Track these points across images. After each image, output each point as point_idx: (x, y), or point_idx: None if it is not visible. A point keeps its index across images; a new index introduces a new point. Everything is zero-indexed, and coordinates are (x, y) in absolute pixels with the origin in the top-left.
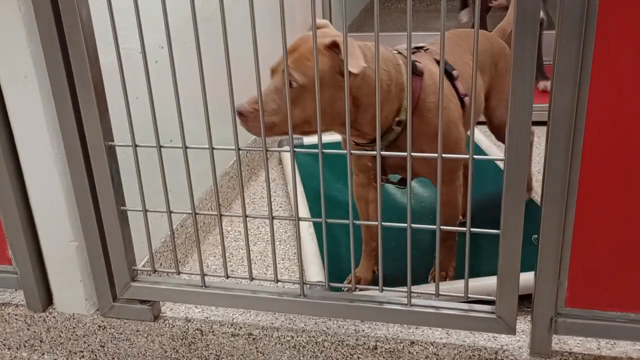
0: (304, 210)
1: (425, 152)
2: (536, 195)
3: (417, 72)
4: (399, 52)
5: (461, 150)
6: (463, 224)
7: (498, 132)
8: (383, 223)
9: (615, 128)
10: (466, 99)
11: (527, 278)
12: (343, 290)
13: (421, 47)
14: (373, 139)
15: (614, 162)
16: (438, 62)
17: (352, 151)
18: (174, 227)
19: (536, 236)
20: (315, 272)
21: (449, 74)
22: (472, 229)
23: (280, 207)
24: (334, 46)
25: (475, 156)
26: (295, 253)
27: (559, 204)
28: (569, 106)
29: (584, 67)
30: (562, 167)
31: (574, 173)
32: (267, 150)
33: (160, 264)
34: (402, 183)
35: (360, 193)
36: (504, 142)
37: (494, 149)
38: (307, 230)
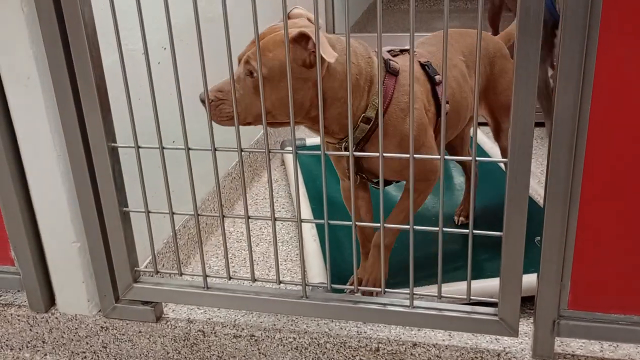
0: (306, 212)
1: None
2: (539, 197)
3: (392, 72)
4: (391, 50)
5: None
6: (466, 226)
7: (495, 133)
8: (385, 225)
9: (619, 128)
10: (447, 106)
11: (529, 280)
12: (345, 292)
13: (408, 50)
14: (341, 137)
15: (618, 163)
16: (423, 65)
17: (327, 152)
18: (176, 228)
19: (539, 238)
20: (317, 273)
21: (431, 78)
22: (474, 231)
23: (283, 208)
24: (300, 38)
25: (478, 158)
26: (297, 254)
27: (562, 205)
28: (572, 106)
29: (587, 66)
30: (565, 168)
31: (577, 174)
32: (270, 152)
33: (163, 265)
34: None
35: (348, 197)
36: (499, 143)
37: (496, 150)
38: (309, 231)
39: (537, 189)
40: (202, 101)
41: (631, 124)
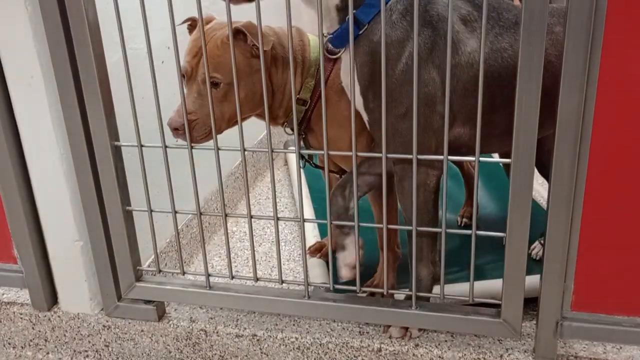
0: (309, 211)
1: (329, 135)
2: (542, 200)
3: (330, 53)
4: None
5: (360, 143)
6: (469, 227)
7: None
8: (389, 226)
9: (622, 132)
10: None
11: (532, 281)
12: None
13: None
14: (283, 122)
15: (621, 166)
16: None
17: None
18: (179, 227)
19: (542, 239)
20: (320, 273)
21: None
22: (477, 232)
23: (286, 207)
24: (237, 34)
25: (481, 158)
26: (300, 254)
27: (566, 207)
28: (576, 110)
29: (591, 71)
30: (569, 171)
31: (580, 177)
32: (273, 151)
33: (165, 264)
34: (341, 171)
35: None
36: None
37: None
38: (312, 231)
39: (540, 191)
40: (172, 128)
41: (636, 127)
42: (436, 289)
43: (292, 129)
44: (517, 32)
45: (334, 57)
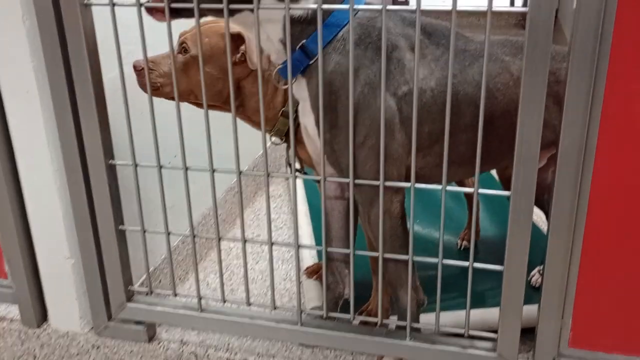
0: (307, 230)
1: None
2: (543, 224)
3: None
4: None
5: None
6: (469, 250)
7: None
8: (385, 255)
9: (624, 164)
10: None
11: (531, 310)
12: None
13: None
14: (267, 130)
15: (623, 199)
16: None
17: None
18: (175, 243)
19: (542, 268)
20: (316, 296)
21: None
22: (474, 264)
23: (285, 224)
24: (237, 36)
25: (480, 190)
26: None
27: (565, 242)
28: (579, 139)
29: (594, 101)
30: (570, 203)
31: (581, 209)
32: (269, 175)
33: (160, 281)
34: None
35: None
36: None
37: None
38: (309, 251)
39: (541, 215)
40: (134, 67)
41: (637, 160)
42: (433, 316)
43: (279, 139)
44: (465, 59)
45: (285, 87)
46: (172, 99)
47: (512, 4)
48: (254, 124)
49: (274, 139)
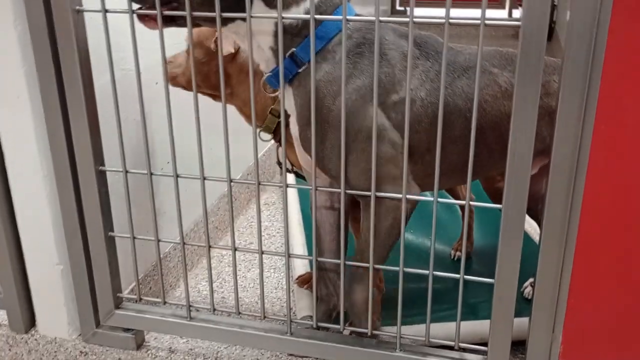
0: (300, 239)
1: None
2: (536, 234)
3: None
4: None
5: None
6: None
7: None
8: (375, 266)
9: (617, 176)
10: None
11: (522, 322)
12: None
13: None
14: (257, 125)
15: (616, 211)
16: None
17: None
18: (166, 250)
19: (533, 280)
20: (307, 305)
21: None
22: (465, 277)
23: (278, 232)
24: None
25: (472, 203)
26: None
27: (557, 254)
28: (571, 152)
29: (587, 112)
30: (562, 215)
31: (573, 222)
32: (260, 184)
33: (150, 288)
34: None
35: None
36: None
37: None
38: (301, 260)
39: (534, 225)
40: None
41: (631, 169)
42: (423, 328)
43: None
44: (455, 70)
45: (273, 95)
46: (184, 88)
47: (510, 14)
48: (246, 117)
49: (262, 134)
